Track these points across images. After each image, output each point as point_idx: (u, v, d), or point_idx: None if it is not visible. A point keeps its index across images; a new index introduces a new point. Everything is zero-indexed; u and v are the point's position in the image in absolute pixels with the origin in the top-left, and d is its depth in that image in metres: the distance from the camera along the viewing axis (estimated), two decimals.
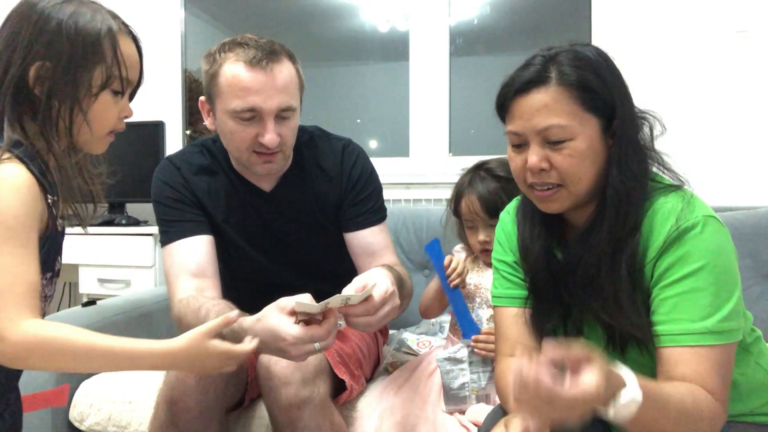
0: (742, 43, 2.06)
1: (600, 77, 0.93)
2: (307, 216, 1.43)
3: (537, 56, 0.95)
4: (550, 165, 0.93)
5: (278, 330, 0.99)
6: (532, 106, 0.92)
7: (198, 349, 0.91)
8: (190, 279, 1.30)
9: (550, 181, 0.95)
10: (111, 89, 0.95)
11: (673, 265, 0.91)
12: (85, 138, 0.96)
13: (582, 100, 0.91)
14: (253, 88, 1.23)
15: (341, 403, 1.31)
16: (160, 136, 2.49)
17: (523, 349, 1.04)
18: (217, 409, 1.22)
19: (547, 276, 1.03)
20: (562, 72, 0.92)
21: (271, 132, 1.26)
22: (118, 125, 1.01)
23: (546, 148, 0.93)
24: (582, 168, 0.93)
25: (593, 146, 0.93)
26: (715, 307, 0.89)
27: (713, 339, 0.88)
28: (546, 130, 0.92)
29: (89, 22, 0.92)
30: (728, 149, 2.07)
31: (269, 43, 1.28)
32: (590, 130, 0.92)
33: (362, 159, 1.47)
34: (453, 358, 1.30)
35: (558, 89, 0.91)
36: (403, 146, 2.50)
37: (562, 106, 0.91)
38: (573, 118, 0.91)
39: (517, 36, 2.65)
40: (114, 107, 0.97)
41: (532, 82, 0.93)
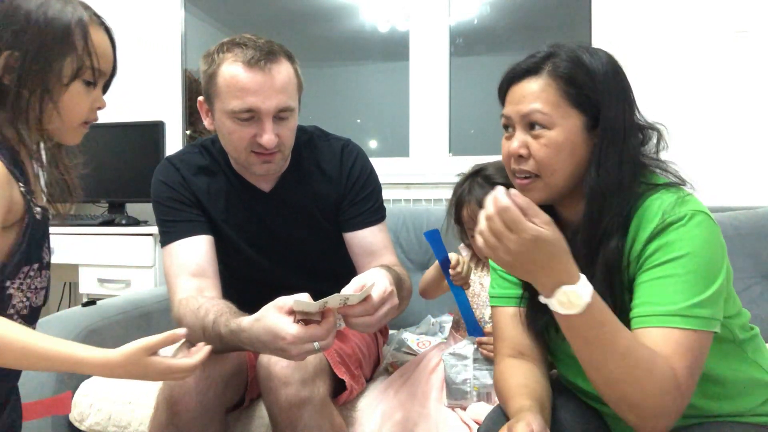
0: (742, 44, 2.06)
1: (592, 77, 0.95)
2: (306, 216, 1.43)
3: (540, 50, 1.00)
4: (528, 152, 0.97)
5: (277, 329, 0.99)
6: (522, 92, 0.98)
7: (135, 364, 0.89)
8: (190, 279, 1.30)
9: (527, 169, 0.98)
10: (83, 80, 0.95)
11: (655, 252, 0.91)
12: (56, 128, 0.96)
13: (568, 94, 0.95)
14: (252, 88, 1.23)
15: (341, 403, 1.31)
16: (160, 136, 2.49)
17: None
18: (216, 409, 1.22)
19: None
20: (555, 65, 0.96)
21: (269, 132, 1.26)
22: (91, 116, 1.00)
23: (527, 135, 0.97)
24: (556, 159, 0.96)
25: (571, 140, 0.95)
26: (689, 294, 0.88)
27: (682, 322, 0.87)
28: (528, 114, 0.96)
29: (59, 12, 0.91)
30: (728, 149, 2.07)
31: (268, 43, 1.27)
32: (571, 125, 0.95)
33: (361, 159, 1.47)
34: (458, 354, 1.32)
35: (547, 79, 0.96)
36: (403, 146, 2.50)
37: (547, 95, 0.95)
38: (556, 108, 0.95)
39: (517, 36, 2.65)
40: (86, 98, 0.97)
41: (528, 71, 0.98)
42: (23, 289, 0.94)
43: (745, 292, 1.64)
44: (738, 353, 1.00)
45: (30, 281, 0.94)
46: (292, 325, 0.98)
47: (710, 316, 0.89)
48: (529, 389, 0.99)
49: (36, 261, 0.96)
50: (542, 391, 1.00)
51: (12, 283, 0.91)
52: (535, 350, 1.08)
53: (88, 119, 1.00)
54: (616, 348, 0.85)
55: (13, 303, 0.92)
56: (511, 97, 1.00)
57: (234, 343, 1.11)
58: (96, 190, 2.59)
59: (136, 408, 1.45)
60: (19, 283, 0.92)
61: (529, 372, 1.04)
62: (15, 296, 0.92)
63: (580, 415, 1.05)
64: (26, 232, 0.91)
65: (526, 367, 1.05)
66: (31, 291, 0.95)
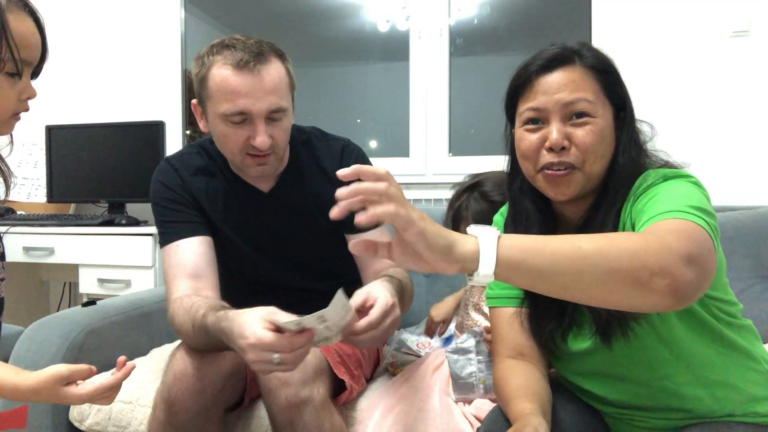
0: (741, 44, 2.06)
1: (614, 71, 0.98)
2: (305, 216, 1.43)
3: (552, 45, 0.98)
4: (570, 142, 0.94)
5: (244, 327, 0.99)
6: (559, 82, 0.95)
7: (47, 392, 0.88)
8: (188, 279, 1.30)
9: (567, 161, 0.95)
10: (4, 73, 0.89)
11: (644, 194, 0.90)
12: None
13: (602, 85, 0.96)
14: (242, 91, 1.23)
15: (341, 403, 1.31)
16: (160, 136, 2.49)
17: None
18: (215, 409, 1.22)
19: None
20: (583, 56, 0.96)
21: (262, 134, 1.25)
22: (21, 107, 0.95)
23: (567, 125, 0.95)
24: (601, 147, 0.95)
25: (609, 129, 0.96)
26: (683, 202, 0.83)
27: (680, 215, 0.80)
28: (573, 103, 0.94)
29: None
30: (728, 149, 2.07)
31: (257, 43, 1.26)
32: (607, 115, 0.96)
33: (361, 159, 1.47)
34: (461, 349, 1.31)
35: (583, 69, 0.95)
36: (403, 146, 2.50)
37: (588, 84, 0.95)
38: (597, 97, 0.95)
39: (517, 36, 2.65)
40: (11, 90, 0.91)
41: (558, 60, 0.96)
42: None
43: (745, 292, 1.64)
44: (730, 338, 0.99)
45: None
46: (260, 329, 0.97)
47: (709, 221, 0.81)
48: (530, 391, 0.98)
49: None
50: (543, 392, 1.00)
51: None
52: (534, 350, 1.07)
53: (17, 110, 0.94)
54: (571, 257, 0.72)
55: None
56: (542, 87, 0.95)
57: (214, 333, 1.10)
58: (96, 190, 2.59)
59: (136, 408, 1.45)
60: None
61: (530, 373, 1.03)
62: None
63: (579, 415, 1.05)
64: None
65: (526, 368, 1.04)
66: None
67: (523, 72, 0.99)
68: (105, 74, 2.71)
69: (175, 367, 1.19)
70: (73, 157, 2.58)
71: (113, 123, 2.58)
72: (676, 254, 0.73)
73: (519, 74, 0.99)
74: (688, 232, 0.77)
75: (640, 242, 0.74)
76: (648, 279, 0.71)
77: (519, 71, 0.99)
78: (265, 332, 0.96)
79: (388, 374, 1.53)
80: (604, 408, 1.08)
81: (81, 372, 0.91)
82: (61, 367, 0.90)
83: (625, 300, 0.74)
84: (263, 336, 0.96)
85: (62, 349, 1.50)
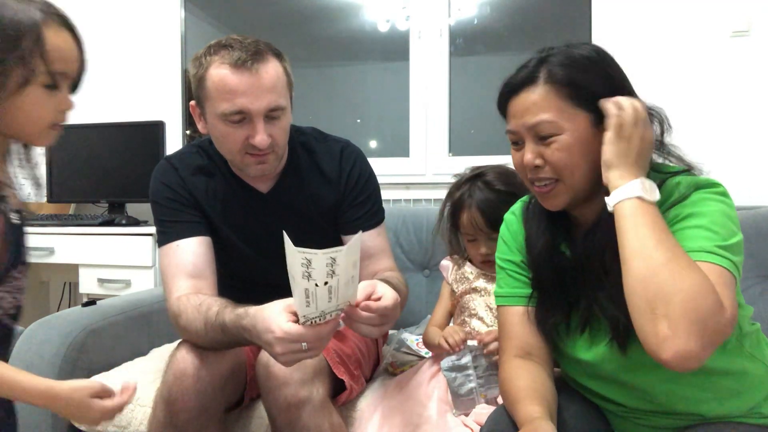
0: (741, 44, 2.06)
1: (590, 73, 0.96)
2: (304, 217, 1.43)
3: (531, 59, 1.00)
4: (544, 161, 0.98)
5: (270, 321, 1.00)
6: (523, 105, 0.97)
7: (78, 401, 0.92)
8: (188, 279, 1.30)
9: (545, 176, 0.99)
10: (40, 84, 0.92)
11: (676, 216, 0.93)
12: (20, 132, 0.95)
13: (569, 97, 0.95)
14: (240, 90, 1.23)
15: (341, 403, 1.31)
16: (160, 136, 2.49)
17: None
18: (215, 409, 1.22)
19: (551, 271, 1.05)
20: (550, 71, 0.96)
21: (261, 133, 1.25)
22: (59, 118, 0.97)
23: (539, 145, 0.98)
24: (573, 160, 0.96)
25: (583, 139, 0.96)
26: (714, 240, 0.89)
27: (710, 257, 0.87)
28: (535, 126, 0.96)
29: (11, 17, 0.89)
30: (728, 149, 2.07)
31: (254, 43, 1.27)
32: (579, 125, 0.96)
33: (361, 161, 1.47)
34: (457, 366, 1.28)
35: (545, 87, 0.96)
36: (403, 146, 2.50)
37: (549, 102, 0.95)
38: (560, 113, 0.95)
39: (517, 36, 2.65)
40: (48, 101, 0.94)
41: (523, 83, 0.98)
42: (10, 290, 0.95)
43: (745, 293, 1.64)
44: (736, 346, 1.00)
45: (16, 282, 0.96)
46: (285, 321, 0.98)
47: (734, 261, 0.88)
48: (537, 393, 0.98)
49: (20, 263, 0.97)
50: (549, 395, 1.00)
51: (2, 287, 0.94)
52: (542, 350, 1.08)
53: (56, 121, 0.97)
54: (669, 237, 0.87)
55: (1, 305, 0.94)
56: (513, 111, 1.00)
57: (235, 331, 1.11)
58: (96, 190, 2.59)
59: (136, 408, 1.45)
60: (6, 286, 0.94)
61: (537, 374, 1.03)
62: (4, 298, 0.94)
63: (582, 416, 1.06)
64: (8, 239, 0.93)
65: (533, 369, 1.05)
66: (17, 291, 0.96)
67: (500, 94, 1.02)
68: (105, 74, 2.71)
69: (176, 367, 1.19)
70: (73, 157, 2.58)
71: (113, 123, 2.58)
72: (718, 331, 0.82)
73: (498, 96, 1.02)
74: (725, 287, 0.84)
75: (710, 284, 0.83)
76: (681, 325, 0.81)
77: (499, 93, 1.02)
78: (291, 324, 0.98)
79: (388, 374, 1.53)
80: (608, 406, 1.08)
81: (108, 391, 0.96)
82: (93, 382, 0.95)
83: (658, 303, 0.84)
84: (290, 329, 0.98)
85: (62, 349, 1.50)
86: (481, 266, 1.43)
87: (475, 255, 1.42)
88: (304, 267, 0.91)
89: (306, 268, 0.92)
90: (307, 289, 0.93)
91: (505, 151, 1.06)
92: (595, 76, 0.96)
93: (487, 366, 1.28)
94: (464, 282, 1.44)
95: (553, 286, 1.05)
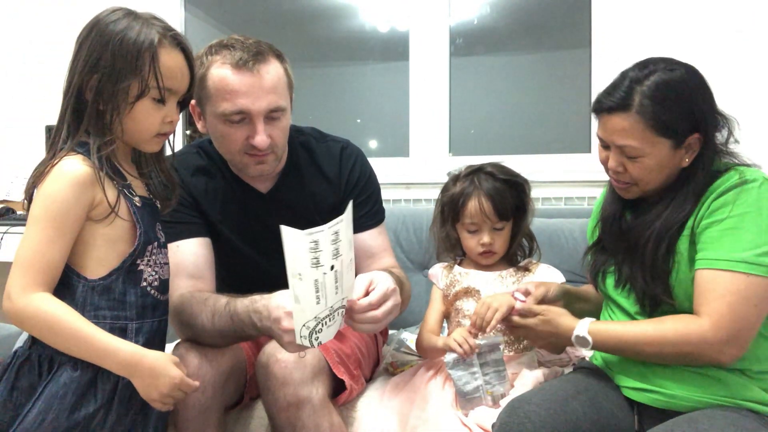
0: (742, 43, 2.06)
1: (675, 112, 1.09)
2: (304, 217, 1.42)
3: (626, 77, 1.14)
4: (625, 169, 1.15)
5: (282, 300, 1.04)
6: (614, 127, 1.13)
7: (163, 364, 1.02)
8: (188, 279, 1.31)
9: (624, 180, 1.16)
10: (151, 98, 1.05)
11: (720, 208, 1.07)
12: (131, 139, 1.09)
13: (654, 129, 1.09)
14: (241, 90, 1.23)
15: (341, 403, 1.31)
16: None
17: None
18: (215, 408, 1.22)
19: (612, 232, 1.24)
20: (642, 104, 1.09)
21: (261, 133, 1.26)
22: (164, 128, 1.10)
23: (623, 157, 1.14)
24: (650, 176, 1.13)
25: (662, 161, 1.12)
26: (755, 244, 1.03)
27: (747, 267, 1.03)
28: (623, 147, 1.12)
29: (135, 36, 1.03)
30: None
31: (256, 43, 1.27)
32: (660, 151, 1.11)
33: (361, 161, 1.47)
34: (462, 363, 1.27)
35: (636, 117, 1.10)
36: (403, 146, 2.50)
37: (636, 131, 1.10)
38: (645, 141, 1.10)
39: (517, 36, 2.65)
40: (156, 113, 1.07)
41: (616, 107, 1.12)
42: (151, 265, 1.10)
43: None
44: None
45: (155, 257, 1.11)
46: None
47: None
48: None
49: (155, 240, 1.11)
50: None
51: (141, 260, 1.08)
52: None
53: (161, 131, 1.10)
54: (642, 342, 1.10)
55: (144, 277, 1.09)
56: (603, 126, 1.15)
57: (245, 317, 1.13)
58: None
59: None
60: (147, 260, 1.09)
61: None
62: (145, 271, 1.09)
63: (591, 407, 1.11)
64: (137, 218, 1.07)
65: None
66: (157, 266, 1.12)
67: (595, 106, 1.17)
68: None
69: None
70: None
71: None
72: (716, 342, 1.03)
73: (594, 105, 1.18)
74: (737, 303, 1.02)
75: (681, 336, 1.06)
76: (693, 360, 1.08)
77: (594, 103, 1.17)
78: None
79: (388, 374, 1.53)
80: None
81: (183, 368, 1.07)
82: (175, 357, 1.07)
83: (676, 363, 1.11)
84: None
85: None
86: (477, 258, 1.42)
87: (474, 247, 1.40)
88: (313, 251, 0.93)
89: (314, 252, 0.93)
90: (317, 279, 0.94)
91: (505, 151, 1.06)
92: (680, 115, 1.10)
93: (492, 363, 1.28)
94: (456, 284, 1.44)
95: (609, 245, 1.24)
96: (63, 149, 1.04)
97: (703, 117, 1.11)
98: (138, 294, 1.08)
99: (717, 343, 1.03)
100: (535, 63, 2.62)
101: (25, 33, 2.70)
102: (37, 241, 0.99)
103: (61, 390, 1.01)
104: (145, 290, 1.09)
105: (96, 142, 1.04)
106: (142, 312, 1.08)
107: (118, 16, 1.06)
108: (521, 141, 2.54)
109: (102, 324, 1.02)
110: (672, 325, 1.07)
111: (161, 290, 1.13)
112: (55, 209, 1.00)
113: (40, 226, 0.99)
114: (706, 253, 1.07)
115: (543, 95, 2.53)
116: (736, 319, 1.02)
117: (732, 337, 1.02)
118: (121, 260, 1.06)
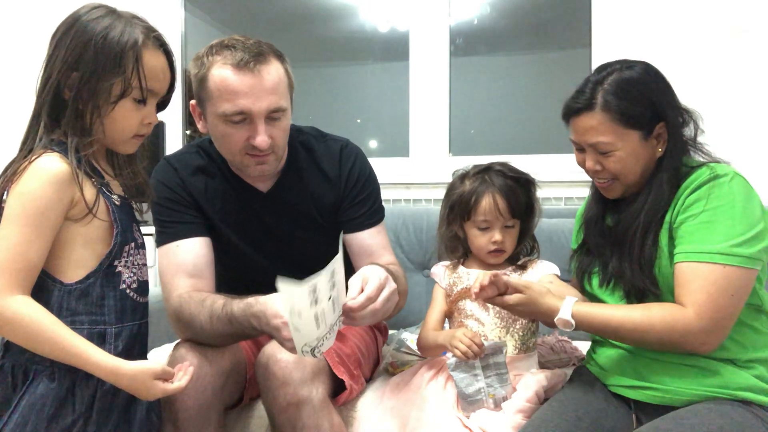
0: (742, 43, 2.06)
1: (638, 103, 1.16)
2: (304, 216, 1.43)
3: (588, 81, 1.19)
4: (603, 167, 1.20)
5: (279, 306, 1.04)
6: (583, 127, 1.19)
7: (141, 381, 1.00)
8: (188, 278, 1.31)
9: (604, 177, 1.22)
10: (132, 98, 1.04)
11: (695, 203, 1.12)
12: (108, 139, 1.07)
13: (621, 122, 1.15)
14: (242, 90, 1.23)
15: (341, 403, 1.31)
16: (160, 136, 2.48)
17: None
18: (215, 408, 1.22)
19: (594, 234, 1.29)
20: (606, 101, 1.16)
21: (262, 134, 1.26)
22: (142, 130, 1.09)
23: (598, 155, 1.19)
24: (627, 167, 1.18)
25: (635, 152, 1.17)
26: (729, 236, 1.07)
27: (722, 259, 1.06)
28: (595, 144, 1.18)
29: (117, 36, 1.01)
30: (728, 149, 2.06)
31: (256, 44, 1.27)
32: (631, 141, 1.17)
33: (360, 160, 1.47)
34: (464, 365, 1.26)
35: (602, 113, 1.16)
36: (403, 146, 2.50)
37: (605, 127, 1.16)
38: (615, 135, 1.16)
39: (517, 36, 2.65)
40: (135, 114, 1.06)
41: (583, 108, 1.18)
42: (129, 266, 1.08)
43: None
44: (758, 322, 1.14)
45: (132, 258, 1.09)
46: None
47: (750, 255, 1.07)
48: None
49: (132, 240, 1.09)
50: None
51: (119, 261, 1.06)
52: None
53: (139, 132, 1.09)
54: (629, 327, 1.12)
55: (123, 279, 1.07)
56: (574, 128, 1.22)
57: (243, 320, 1.13)
58: None
59: None
60: (124, 261, 1.07)
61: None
62: (123, 273, 1.07)
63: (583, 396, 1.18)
64: (115, 217, 1.05)
65: None
66: (135, 267, 1.10)
67: (564, 112, 1.23)
68: None
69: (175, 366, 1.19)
70: None
71: None
72: (699, 332, 1.07)
73: (562, 111, 1.23)
74: (716, 293, 1.06)
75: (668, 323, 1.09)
76: (674, 348, 1.11)
77: (562, 109, 1.23)
78: None
79: (388, 374, 1.52)
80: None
81: (168, 372, 1.04)
82: (156, 364, 1.02)
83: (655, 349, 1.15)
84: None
85: None
86: (486, 257, 1.41)
87: (484, 245, 1.38)
88: (311, 296, 0.92)
89: (313, 295, 0.92)
90: (316, 313, 0.94)
91: (505, 151, 1.07)
92: (642, 106, 1.16)
93: (495, 366, 1.27)
94: (458, 284, 1.44)
95: (593, 246, 1.29)
96: (38, 147, 1.01)
97: (663, 107, 1.17)
98: (117, 297, 1.05)
99: (700, 332, 1.06)
100: (535, 63, 2.63)
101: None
102: (14, 241, 0.95)
103: (39, 401, 0.97)
104: (124, 292, 1.07)
105: (74, 141, 1.01)
106: (121, 315, 1.06)
107: (100, 13, 1.03)
108: (521, 141, 2.54)
109: (79, 330, 0.99)
110: (659, 313, 1.10)
111: (140, 292, 1.11)
112: (33, 208, 0.96)
113: (18, 226, 0.95)
114: (684, 246, 1.11)
115: (543, 95, 2.54)
116: (716, 309, 1.06)
117: (714, 326, 1.06)
118: (99, 261, 1.03)
